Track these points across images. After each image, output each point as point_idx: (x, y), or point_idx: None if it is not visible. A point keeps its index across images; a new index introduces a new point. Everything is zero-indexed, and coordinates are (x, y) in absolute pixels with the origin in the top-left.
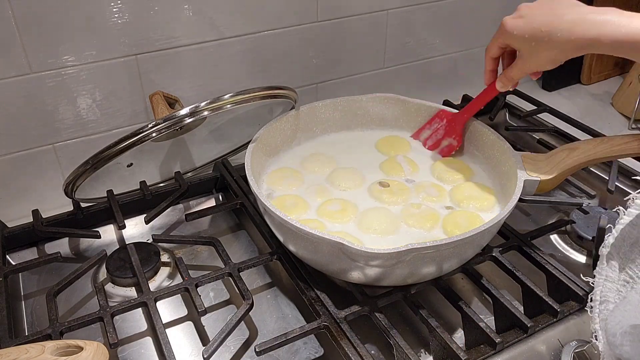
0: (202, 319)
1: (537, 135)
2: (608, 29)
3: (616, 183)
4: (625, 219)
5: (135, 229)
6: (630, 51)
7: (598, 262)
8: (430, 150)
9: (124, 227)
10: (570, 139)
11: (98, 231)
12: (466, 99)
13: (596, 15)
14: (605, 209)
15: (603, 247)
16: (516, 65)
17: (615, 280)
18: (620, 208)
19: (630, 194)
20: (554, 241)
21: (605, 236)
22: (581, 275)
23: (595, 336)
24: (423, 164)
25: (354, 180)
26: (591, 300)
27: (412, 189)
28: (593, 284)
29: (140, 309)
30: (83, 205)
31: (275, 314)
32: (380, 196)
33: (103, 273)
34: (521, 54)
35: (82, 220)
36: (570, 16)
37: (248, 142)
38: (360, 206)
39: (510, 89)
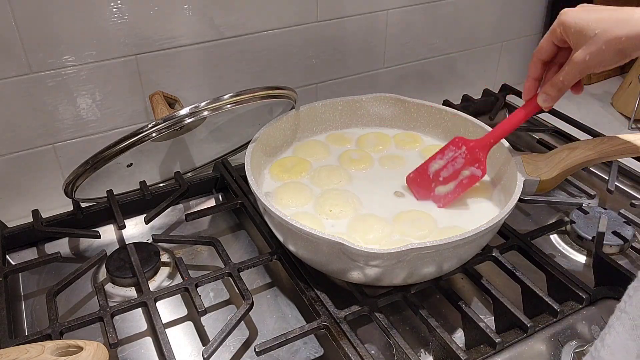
0: (202, 319)
1: (537, 135)
2: None
3: (616, 183)
4: None
5: (135, 229)
6: None
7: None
8: (443, 185)
9: (124, 227)
10: (570, 139)
11: (98, 231)
12: (466, 99)
13: None
14: (605, 209)
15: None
16: (570, 62)
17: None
18: None
19: (630, 194)
20: (554, 241)
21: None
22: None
23: None
24: None
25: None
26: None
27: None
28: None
29: (140, 309)
30: (83, 205)
31: (275, 314)
32: None
33: (103, 273)
34: (578, 47)
35: (82, 220)
36: None
37: (248, 142)
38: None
39: (550, 106)
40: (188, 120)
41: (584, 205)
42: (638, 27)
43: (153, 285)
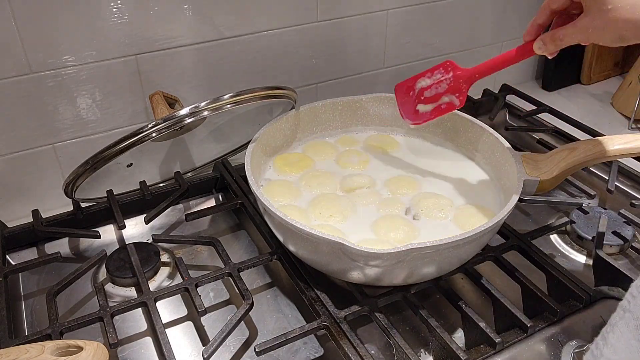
0: (202, 319)
1: (537, 135)
2: None
3: (616, 183)
4: None
5: (135, 229)
6: None
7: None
8: (423, 104)
9: (124, 227)
10: (570, 139)
11: (98, 231)
12: (467, 99)
13: None
14: (605, 209)
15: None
16: (575, 25)
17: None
18: None
19: (630, 194)
20: (554, 241)
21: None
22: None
23: None
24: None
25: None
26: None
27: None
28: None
29: (140, 309)
30: (83, 205)
31: (275, 314)
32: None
33: (103, 273)
34: (587, 14)
35: (82, 220)
36: None
37: (248, 142)
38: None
39: (548, 56)
40: (188, 120)
41: (584, 205)
42: None
43: (153, 285)
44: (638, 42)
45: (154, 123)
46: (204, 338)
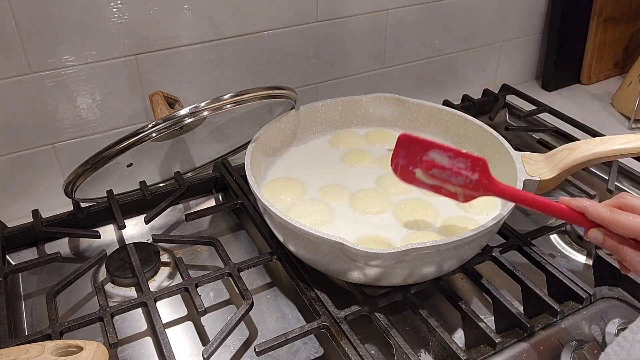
0: (202, 319)
1: (537, 135)
2: None
3: (616, 183)
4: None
5: (135, 229)
6: None
7: None
8: (425, 176)
9: (123, 227)
10: (570, 139)
11: (98, 231)
12: (466, 99)
13: None
14: None
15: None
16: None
17: None
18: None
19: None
20: (554, 241)
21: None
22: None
23: None
24: None
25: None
26: None
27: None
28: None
29: (140, 309)
30: (83, 205)
31: (275, 314)
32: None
33: (103, 273)
34: None
35: (82, 220)
36: None
37: (248, 142)
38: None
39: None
40: (188, 120)
41: None
42: None
43: (153, 285)
44: None
45: (154, 123)
46: (204, 338)
